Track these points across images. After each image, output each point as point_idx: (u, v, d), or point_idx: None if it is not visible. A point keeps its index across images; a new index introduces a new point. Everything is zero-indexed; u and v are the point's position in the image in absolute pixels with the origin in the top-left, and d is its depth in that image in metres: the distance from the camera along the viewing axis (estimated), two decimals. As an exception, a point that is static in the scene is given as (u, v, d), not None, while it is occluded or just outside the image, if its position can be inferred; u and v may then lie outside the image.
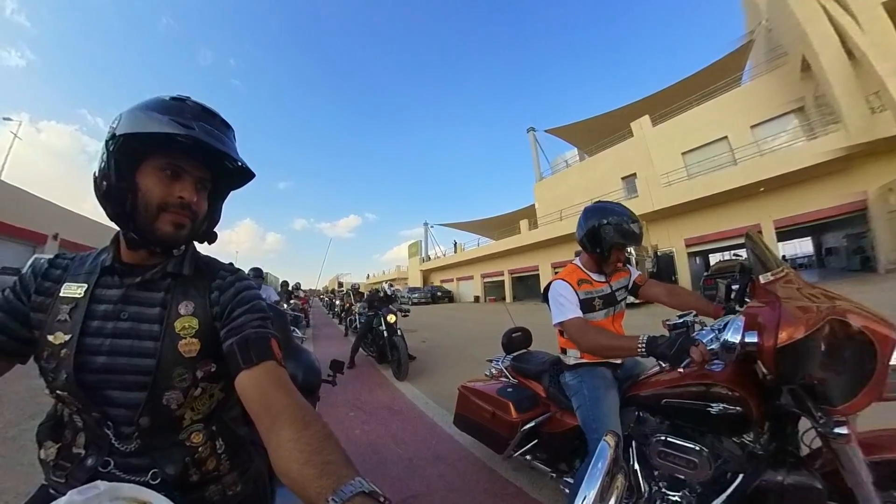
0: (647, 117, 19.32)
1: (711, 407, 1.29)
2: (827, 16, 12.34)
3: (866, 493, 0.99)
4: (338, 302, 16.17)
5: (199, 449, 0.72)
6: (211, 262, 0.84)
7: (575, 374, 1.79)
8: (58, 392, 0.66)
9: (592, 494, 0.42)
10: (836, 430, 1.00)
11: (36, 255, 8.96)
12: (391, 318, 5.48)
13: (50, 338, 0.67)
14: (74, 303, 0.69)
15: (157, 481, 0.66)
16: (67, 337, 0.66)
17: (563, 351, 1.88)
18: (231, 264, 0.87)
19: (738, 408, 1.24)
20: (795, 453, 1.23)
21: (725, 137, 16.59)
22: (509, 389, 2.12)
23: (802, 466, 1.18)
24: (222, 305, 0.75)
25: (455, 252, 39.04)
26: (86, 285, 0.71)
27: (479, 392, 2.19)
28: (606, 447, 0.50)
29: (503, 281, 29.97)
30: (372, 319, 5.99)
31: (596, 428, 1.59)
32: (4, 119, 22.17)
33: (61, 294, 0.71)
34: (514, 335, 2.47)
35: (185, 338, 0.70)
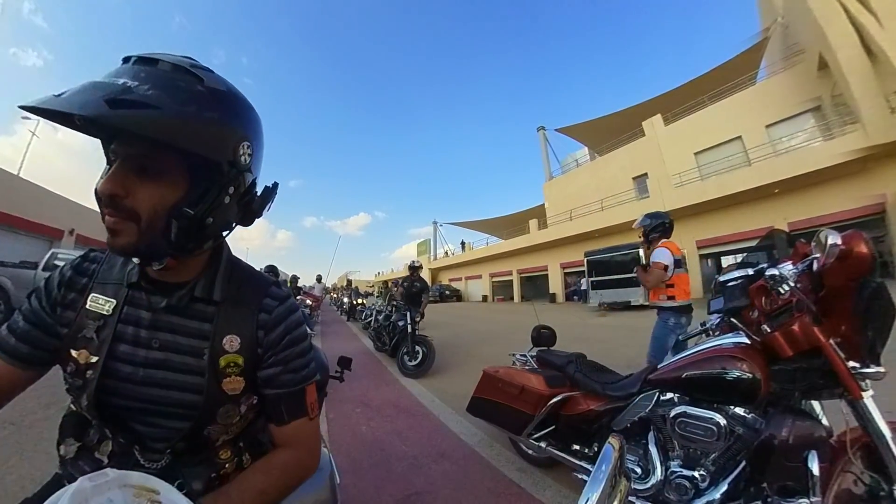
0: (659, 116, 19.11)
1: (728, 374, 1.44)
2: (845, 12, 12.03)
3: (889, 447, 1.17)
4: (345, 300, 16.33)
5: (226, 465, 0.71)
6: (254, 281, 0.74)
7: (661, 317, 3.19)
8: (83, 411, 0.64)
9: (595, 497, 0.41)
10: (874, 369, 1.20)
11: (52, 250, 9.16)
12: (418, 318, 5.80)
13: (74, 353, 0.62)
14: (102, 320, 0.64)
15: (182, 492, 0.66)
16: (94, 359, 0.62)
17: (663, 297, 3.19)
18: (276, 283, 0.76)
19: (751, 374, 1.39)
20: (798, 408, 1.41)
21: (739, 137, 16.33)
22: (538, 370, 2.30)
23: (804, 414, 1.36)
24: (265, 347, 0.69)
25: (463, 251, 39.06)
26: (114, 301, 0.65)
27: (507, 371, 2.29)
28: (611, 450, 0.49)
29: (512, 280, 29.91)
30: (390, 316, 6.27)
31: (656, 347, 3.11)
32: (23, 118, 22.65)
33: (87, 306, 0.65)
34: (542, 331, 2.68)
35: (231, 376, 0.66)
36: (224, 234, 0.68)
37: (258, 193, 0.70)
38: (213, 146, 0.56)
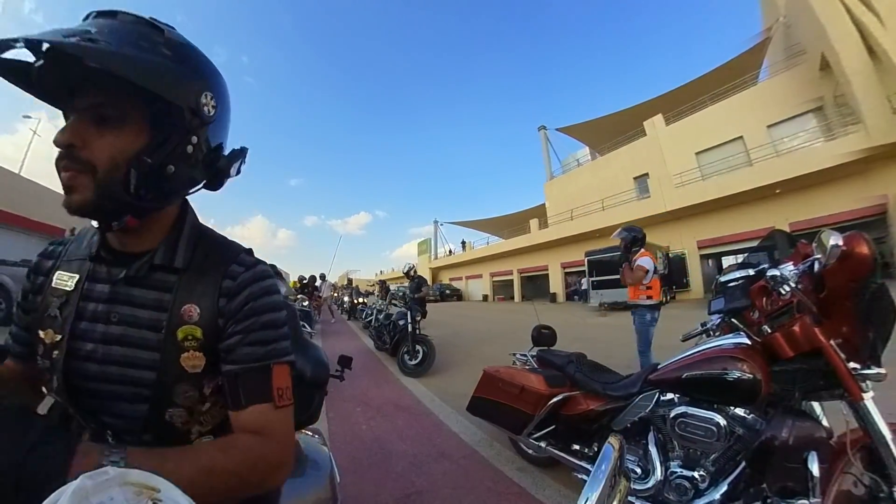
0: (660, 116, 19.05)
1: (728, 374, 1.43)
2: (848, 12, 11.98)
3: (889, 448, 1.17)
4: (346, 299, 16.34)
5: None
6: (223, 248, 0.67)
7: (639, 314, 3.87)
8: (54, 396, 0.62)
9: (595, 496, 0.41)
10: (875, 371, 1.20)
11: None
12: (419, 318, 5.80)
13: (41, 334, 0.59)
14: (64, 297, 0.60)
15: None
16: (58, 337, 0.58)
17: (643, 297, 3.86)
18: (250, 251, 0.70)
19: (751, 375, 1.38)
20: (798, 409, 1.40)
21: (741, 137, 16.27)
22: (539, 369, 2.30)
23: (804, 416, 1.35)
24: (227, 316, 0.61)
25: (464, 250, 39.04)
26: (77, 276, 0.61)
27: (507, 371, 2.29)
28: (611, 450, 0.49)
29: (512, 280, 29.89)
30: (391, 315, 6.35)
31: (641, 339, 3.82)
32: (24, 117, 22.68)
33: (53, 285, 0.62)
34: (543, 331, 2.70)
35: (189, 350, 0.59)
36: (189, 191, 0.65)
37: (225, 156, 0.68)
38: (174, 87, 0.54)
